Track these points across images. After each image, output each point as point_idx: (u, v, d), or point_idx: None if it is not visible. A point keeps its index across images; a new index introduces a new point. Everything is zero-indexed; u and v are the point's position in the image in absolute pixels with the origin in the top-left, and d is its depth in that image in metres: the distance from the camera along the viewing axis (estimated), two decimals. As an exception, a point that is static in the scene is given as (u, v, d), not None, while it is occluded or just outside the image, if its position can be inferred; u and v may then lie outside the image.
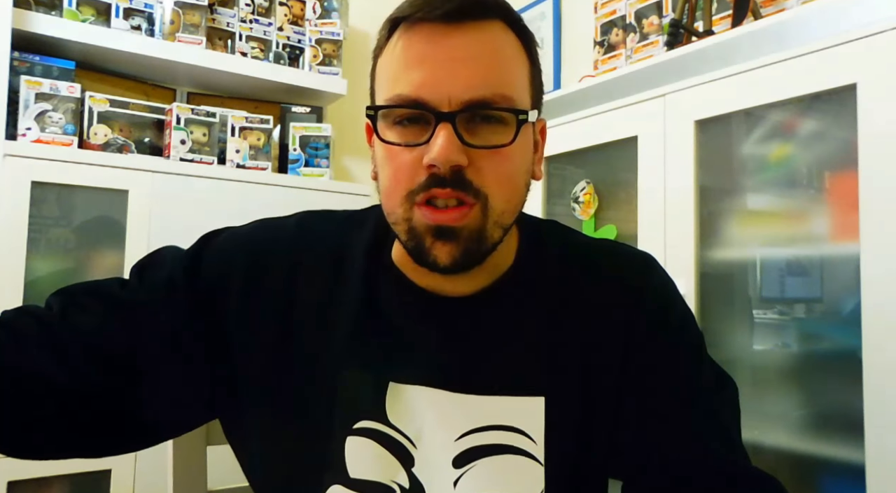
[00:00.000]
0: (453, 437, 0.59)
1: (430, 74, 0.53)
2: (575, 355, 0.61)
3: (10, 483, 1.47)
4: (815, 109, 1.10)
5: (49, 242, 1.60)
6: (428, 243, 0.55)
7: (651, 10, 1.72)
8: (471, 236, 0.55)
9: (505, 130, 0.55)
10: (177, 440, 0.76)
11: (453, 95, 0.53)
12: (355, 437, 0.59)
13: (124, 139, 1.74)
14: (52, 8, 1.73)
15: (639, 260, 0.67)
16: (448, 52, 0.54)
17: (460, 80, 0.53)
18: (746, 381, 1.18)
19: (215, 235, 0.66)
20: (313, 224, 0.67)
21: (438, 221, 0.54)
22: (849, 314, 0.98)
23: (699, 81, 1.21)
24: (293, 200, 1.88)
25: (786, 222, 1.16)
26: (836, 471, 1.03)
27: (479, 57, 0.54)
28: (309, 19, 2.12)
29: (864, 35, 0.97)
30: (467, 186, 0.54)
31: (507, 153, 0.55)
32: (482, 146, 0.54)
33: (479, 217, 0.55)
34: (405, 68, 0.55)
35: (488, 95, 0.54)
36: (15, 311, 0.60)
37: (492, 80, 0.54)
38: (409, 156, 0.55)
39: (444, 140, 0.52)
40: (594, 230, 1.46)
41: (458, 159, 0.53)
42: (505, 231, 0.58)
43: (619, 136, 1.37)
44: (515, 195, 0.58)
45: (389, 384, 0.60)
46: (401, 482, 0.59)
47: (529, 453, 0.59)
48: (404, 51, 0.55)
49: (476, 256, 0.56)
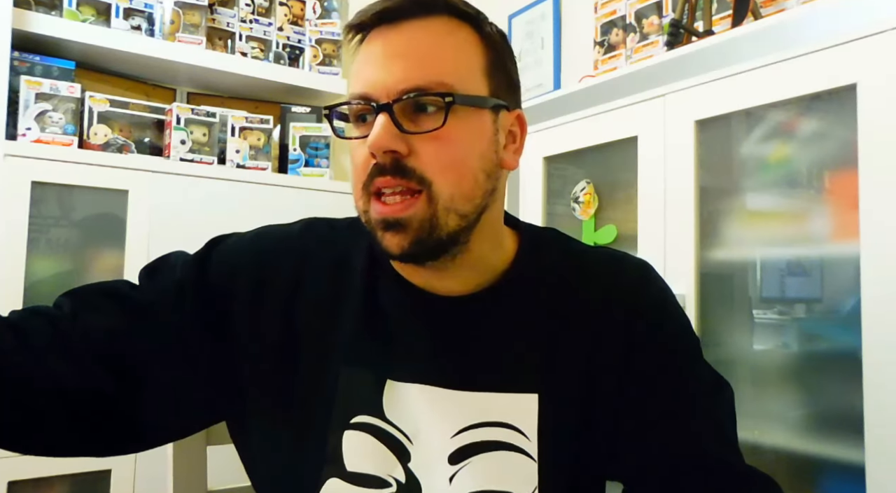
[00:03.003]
0: (449, 434, 0.60)
1: (371, 71, 0.57)
2: (573, 356, 0.63)
3: (10, 483, 1.47)
4: (815, 109, 1.10)
5: (49, 242, 1.60)
6: (379, 235, 0.58)
7: (651, 10, 1.72)
8: (421, 226, 0.56)
9: (441, 119, 0.56)
10: (177, 441, 0.76)
11: (389, 87, 0.56)
12: (353, 431, 0.61)
13: (124, 139, 1.74)
14: (52, 8, 1.73)
15: (637, 267, 0.69)
16: (387, 50, 0.57)
17: (396, 72, 0.56)
18: (746, 381, 1.18)
19: (222, 240, 0.68)
20: (317, 230, 0.69)
21: (384, 214, 0.57)
22: (849, 314, 0.98)
23: (699, 81, 1.21)
24: (293, 200, 1.88)
25: (786, 222, 1.16)
26: (836, 471, 1.03)
27: (416, 50, 0.57)
28: (309, 19, 2.12)
29: (864, 35, 0.97)
30: (409, 174, 0.56)
31: (447, 138, 0.56)
32: (416, 132, 0.56)
33: (425, 206, 0.56)
34: (357, 70, 0.59)
35: (423, 84, 0.56)
36: (26, 311, 0.61)
37: (428, 71, 0.56)
38: (363, 150, 0.58)
39: (378, 127, 0.55)
40: (594, 230, 1.45)
41: (393, 145, 0.55)
42: (464, 218, 0.58)
43: (619, 136, 1.37)
44: (465, 181, 0.58)
45: (387, 382, 0.62)
46: (397, 476, 0.60)
47: (523, 449, 0.60)
48: (357, 55, 0.60)
49: (429, 243, 0.57)
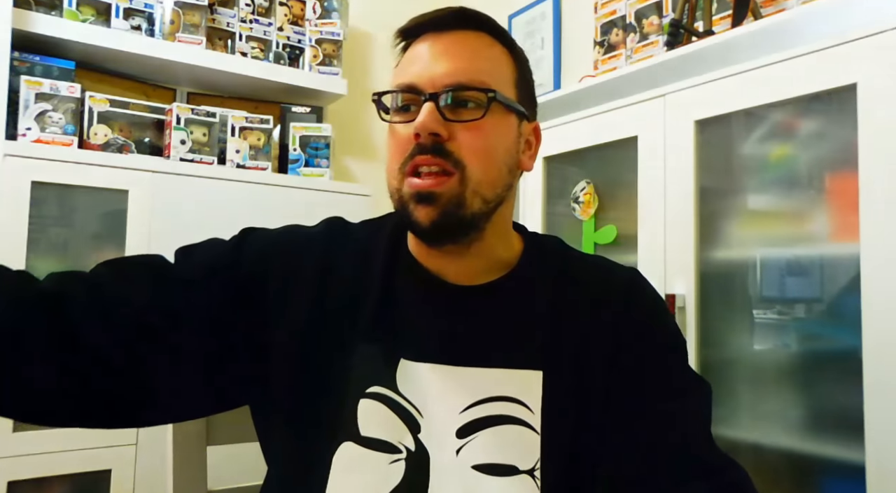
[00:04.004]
0: (457, 410, 0.65)
1: (420, 67, 0.66)
2: (568, 346, 0.68)
3: (10, 483, 1.47)
4: (815, 109, 1.10)
5: (49, 242, 1.60)
6: (411, 208, 0.64)
7: (651, 10, 1.72)
8: (450, 201, 0.63)
9: (480, 111, 0.65)
10: (177, 440, 0.77)
11: (436, 80, 0.65)
12: (367, 400, 0.66)
13: (124, 139, 1.74)
14: (52, 8, 1.73)
15: (627, 272, 0.76)
16: (434, 50, 0.67)
17: (442, 68, 0.65)
18: (746, 381, 1.18)
19: (254, 230, 0.75)
20: (339, 225, 0.77)
21: (419, 187, 0.64)
22: (849, 314, 0.98)
23: (699, 81, 1.21)
24: (293, 200, 1.88)
25: (786, 222, 1.16)
26: (836, 471, 1.03)
27: (461, 53, 0.67)
28: (309, 19, 2.12)
29: (864, 35, 0.97)
30: (447, 155, 0.63)
31: (483, 130, 0.65)
32: (458, 120, 0.65)
33: (457, 185, 0.64)
34: (405, 65, 0.68)
35: (465, 81, 0.65)
36: (64, 274, 0.64)
37: (470, 70, 0.65)
38: (404, 133, 0.65)
39: (426, 112, 0.63)
40: (594, 230, 1.46)
41: (437, 128, 0.63)
42: (486, 204, 0.66)
43: (619, 136, 1.37)
44: (492, 169, 0.66)
45: (400, 361, 0.67)
46: (407, 444, 0.65)
47: (527, 423, 0.65)
48: (408, 54, 0.69)
49: (454, 219, 0.64)
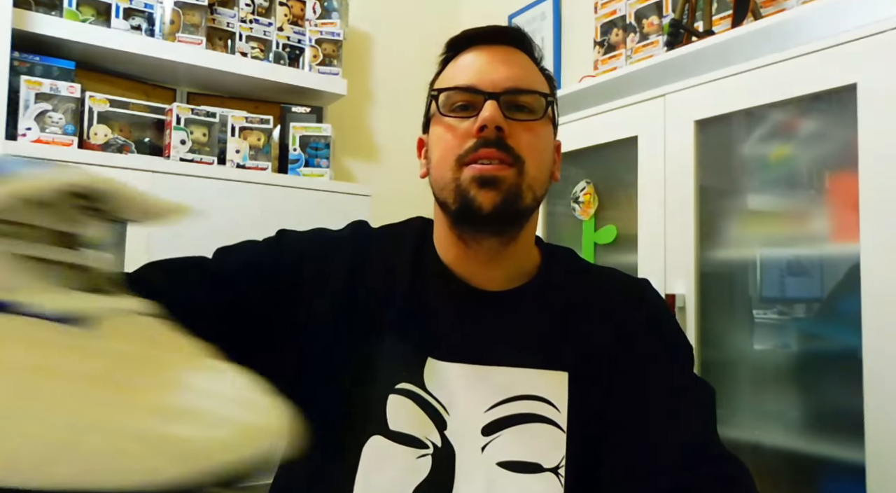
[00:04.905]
0: (483, 408, 0.68)
1: (479, 70, 0.72)
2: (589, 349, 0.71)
3: (10, 483, 1.47)
4: (815, 109, 1.10)
5: (49, 242, 1.60)
6: (473, 193, 0.68)
7: (651, 10, 1.72)
8: (510, 189, 0.68)
9: (536, 115, 0.71)
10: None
11: (497, 83, 0.70)
12: (396, 396, 0.68)
13: (124, 139, 1.74)
14: (52, 8, 1.73)
15: (636, 281, 0.80)
16: (493, 57, 0.72)
17: (501, 73, 0.71)
18: (746, 381, 1.18)
19: (288, 231, 0.79)
20: (366, 230, 0.81)
21: (483, 172, 0.67)
22: (849, 314, 0.98)
23: (699, 81, 1.21)
24: (293, 200, 1.88)
25: (786, 222, 1.16)
26: (836, 471, 1.03)
27: (517, 62, 0.73)
28: (309, 19, 2.12)
29: (864, 35, 0.97)
30: (509, 150, 0.68)
31: (537, 131, 0.71)
32: (518, 118, 0.70)
33: (516, 175, 0.68)
34: (461, 70, 0.73)
35: (522, 86, 0.71)
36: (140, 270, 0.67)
37: (524, 78, 0.72)
38: (461, 129, 0.70)
39: (492, 107, 0.68)
40: (594, 230, 1.46)
41: (502, 123, 0.68)
42: (535, 201, 0.71)
43: (619, 136, 1.37)
44: (543, 169, 0.72)
45: (427, 360, 0.70)
46: (434, 440, 0.67)
47: (553, 420, 0.67)
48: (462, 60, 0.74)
49: (512, 208, 0.68)
